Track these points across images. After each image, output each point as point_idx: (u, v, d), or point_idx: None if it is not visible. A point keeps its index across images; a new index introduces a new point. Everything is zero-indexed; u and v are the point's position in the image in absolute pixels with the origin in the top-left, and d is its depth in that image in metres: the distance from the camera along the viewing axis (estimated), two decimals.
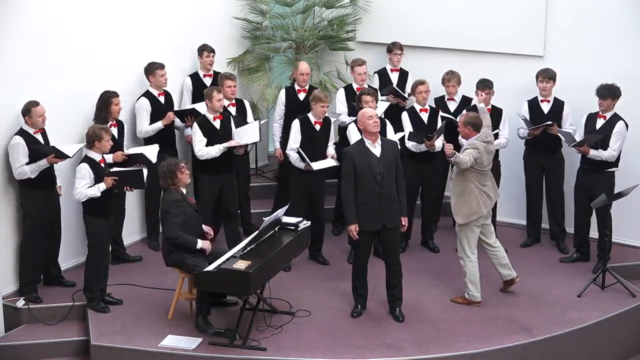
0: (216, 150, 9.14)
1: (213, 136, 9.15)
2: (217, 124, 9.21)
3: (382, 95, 10.22)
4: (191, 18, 10.34)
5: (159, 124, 9.54)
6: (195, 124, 9.21)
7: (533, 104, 9.74)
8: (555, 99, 9.68)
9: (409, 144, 9.50)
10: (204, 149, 9.13)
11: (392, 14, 11.01)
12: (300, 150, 9.09)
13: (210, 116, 9.20)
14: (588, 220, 9.50)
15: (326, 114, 9.28)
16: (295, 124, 9.27)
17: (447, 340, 7.92)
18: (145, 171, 8.45)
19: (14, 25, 8.33)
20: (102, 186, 8.14)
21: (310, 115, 9.27)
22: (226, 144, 9.17)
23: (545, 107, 9.69)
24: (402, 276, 8.32)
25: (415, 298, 8.64)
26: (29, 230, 8.41)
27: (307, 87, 9.98)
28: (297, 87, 10.01)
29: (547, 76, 9.61)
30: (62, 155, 8.28)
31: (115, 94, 8.91)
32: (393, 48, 10.49)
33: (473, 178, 8.35)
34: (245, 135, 9.36)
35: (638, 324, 8.70)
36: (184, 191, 8.20)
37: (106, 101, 8.86)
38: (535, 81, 9.69)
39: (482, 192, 8.38)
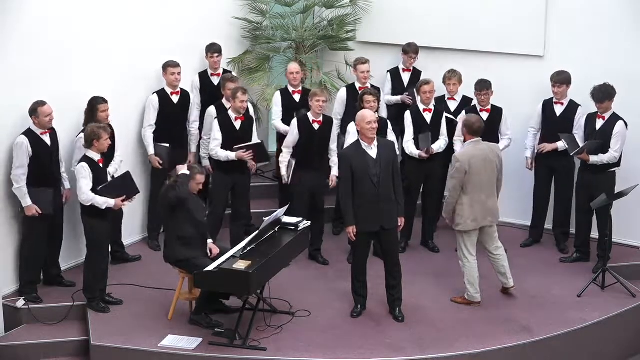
0: (223, 156, 9.14)
1: (231, 136, 9.14)
2: (237, 124, 9.20)
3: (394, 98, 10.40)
4: (191, 18, 10.33)
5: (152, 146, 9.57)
6: (215, 120, 9.22)
7: (547, 105, 9.68)
8: (571, 102, 9.57)
9: (408, 150, 9.50)
10: (216, 149, 9.14)
11: (392, 13, 10.99)
12: (292, 162, 9.12)
13: (232, 115, 9.19)
14: (589, 220, 9.49)
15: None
16: (293, 123, 9.28)
17: (447, 340, 7.92)
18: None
19: (15, 25, 8.32)
20: (110, 202, 8.14)
21: (310, 114, 9.26)
22: (232, 155, 9.09)
23: (559, 110, 9.62)
24: (401, 276, 8.31)
25: (415, 298, 8.63)
26: (29, 230, 8.41)
27: (301, 89, 9.96)
28: (290, 89, 9.98)
29: (558, 80, 9.49)
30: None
31: (103, 100, 8.73)
32: (409, 51, 10.46)
33: (466, 189, 8.31)
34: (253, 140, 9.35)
35: (638, 324, 8.70)
36: None
37: (93, 107, 8.69)
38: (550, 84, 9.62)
39: (473, 205, 8.31)
